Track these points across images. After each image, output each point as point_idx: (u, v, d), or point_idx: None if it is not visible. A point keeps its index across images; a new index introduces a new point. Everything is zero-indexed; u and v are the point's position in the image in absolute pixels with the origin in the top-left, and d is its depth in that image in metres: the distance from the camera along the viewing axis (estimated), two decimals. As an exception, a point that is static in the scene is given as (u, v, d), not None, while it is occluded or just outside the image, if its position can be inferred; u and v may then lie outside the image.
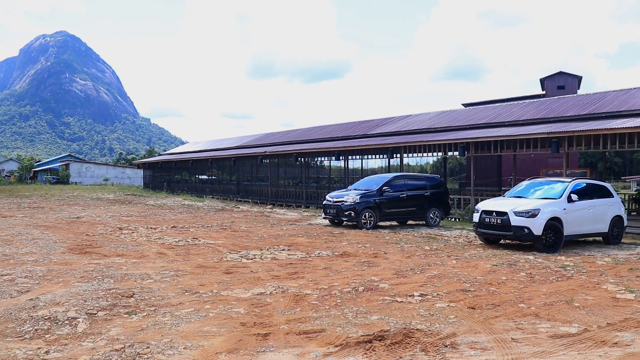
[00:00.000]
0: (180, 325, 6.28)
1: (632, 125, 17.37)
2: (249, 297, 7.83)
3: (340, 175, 35.93)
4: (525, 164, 33.39)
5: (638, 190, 31.04)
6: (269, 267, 10.44)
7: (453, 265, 10.94)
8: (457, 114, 30.50)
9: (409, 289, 8.45)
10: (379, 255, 12.09)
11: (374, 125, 34.38)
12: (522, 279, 9.53)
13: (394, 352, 5.52)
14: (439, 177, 21.72)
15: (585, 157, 62.92)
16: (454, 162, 44.94)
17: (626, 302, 7.87)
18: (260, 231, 17.00)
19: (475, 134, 22.73)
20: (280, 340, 5.81)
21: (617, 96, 23.46)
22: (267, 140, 42.66)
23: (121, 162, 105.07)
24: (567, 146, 19.23)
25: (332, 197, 19.27)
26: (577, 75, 43.96)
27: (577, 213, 13.79)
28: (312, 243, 14.19)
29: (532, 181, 15.60)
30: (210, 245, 13.56)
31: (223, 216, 23.00)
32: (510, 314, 7.05)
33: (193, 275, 9.41)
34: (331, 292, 8.19)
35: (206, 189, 43.40)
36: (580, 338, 6.06)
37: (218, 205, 30.59)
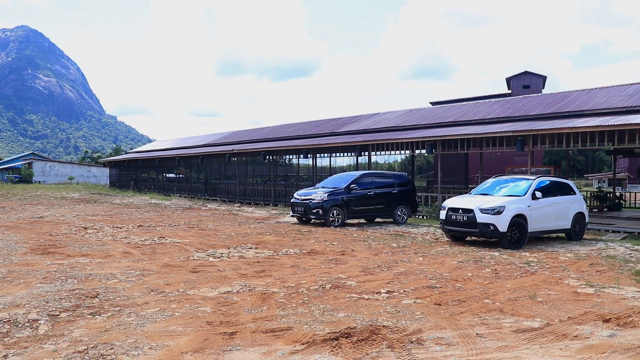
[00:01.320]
0: (145, 325, 6.20)
1: (593, 124, 17.75)
2: (216, 295, 7.77)
3: (308, 173, 35.98)
4: (491, 162, 33.90)
5: (599, 188, 31.73)
6: (236, 265, 10.38)
7: (420, 262, 11.03)
8: (424, 112, 30.77)
9: (375, 286, 8.49)
10: (347, 253, 12.13)
11: (342, 123, 34.46)
12: (488, 275, 9.66)
13: (360, 349, 5.53)
14: (407, 175, 21.87)
15: (550, 155, 64.13)
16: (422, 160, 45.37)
17: (586, 296, 8.05)
18: (227, 229, 16.89)
19: (443, 132, 22.96)
20: (246, 339, 5.78)
21: (580, 96, 23.95)
22: (235, 138, 42.42)
23: (87, 160, 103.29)
24: (531, 144, 19.56)
25: (300, 195, 19.26)
26: (542, 75, 44.83)
27: (541, 210, 14.03)
28: (280, 241, 14.16)
29: (498, 179, 15.82)
30: (177, 244, 13.42)
31: (190, 215, 22.80)
32: (476, 310, 7.14)
33: (159, 275, 9.30)
34: (298, 290, 8.18)
35: (174, 188, 42.97)
36: (542, 332, 6.17)
37: (185, 204, 30.32)
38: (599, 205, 26.04)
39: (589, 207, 22.70)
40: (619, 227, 18.11)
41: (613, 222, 19.84)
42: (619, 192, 32.12)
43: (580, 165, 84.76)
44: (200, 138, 50.36)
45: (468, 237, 14.74)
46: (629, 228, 17.87)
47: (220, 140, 43.73)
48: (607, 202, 26.56)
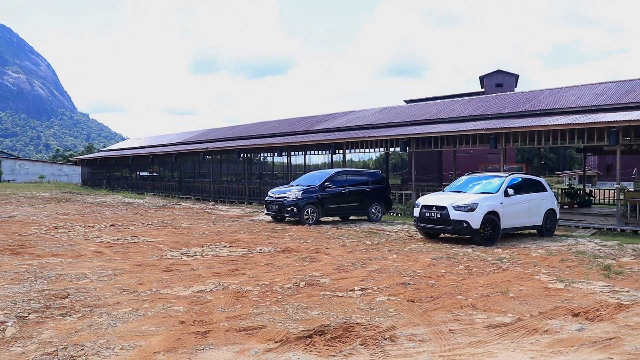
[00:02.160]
0: (117, 326, 6.12)
1: (563, 122, 18.01)
2: (189, 294, 7.71)
3: (283, 171, 35.90)
4: (465, 160, 34.19)
5: (570, 185, 32.25)
6: (210, 264, 10.32)
7: (394, 259, 11.09)
8: (399, 110, 30.91)
9: (349, 284, 8.50)
10: (321, 251, 12.13)
11: (316, 121, 34.45)
12: (461, 272, 9.74)
13: (334, 346, 5.54)
14: (381, 173, 21.97)
15: (523, 152, 64.98)
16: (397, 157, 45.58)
17: (557, 291, 8.17)
18: (201, 228, 16.78)
19: (417, 130, 23.09)
20: (220, 338, 5.74)
21: (551, 94, 24.29)
22: (210, 136, 42.15)
23: (58, 158, 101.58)
24: (504, 142, 19.77)
25: (275, 193, 19.21)
26: (515, 73, 45.35)
27: (513, 207, 14.20)
28: (254, 239, 14.11)
29: (471, 176, 15.97)
30: (150, 243, 13.29)
31: (164, 213, 22.59)
32: (449, 306, 7.20)
33: (132, 274, 9.20)
34: (272, 288, 8.16)
35: (147, 186, 42.53)
36: (514, 327, 6.24)
37: (159, 203, 30.05)
38: (570, 201, 26.44)
39: (560, 203, 23.02)
40: (589, 224, 18.41)
41: (583, 218, 20.16)
42: (589, 189, 32.64)
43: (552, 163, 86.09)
44: (175, 136, 49.93)
45: (442, 234, 14.85)
46: (598, 224, 18.18)
47: (195, 139, 43.40)
48: (578, 198, 26.98)
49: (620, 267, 10.32)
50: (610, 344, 5.66)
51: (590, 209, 25.33)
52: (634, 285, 8.73)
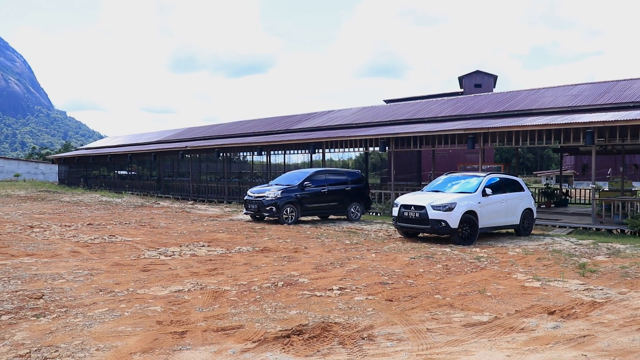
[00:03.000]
0: (93, 326, 6.05)
1: (541, 122, 18.21)
2: (167, 294, 7.65)
3: (263, 171, 35.78)
4: (444, 159, 34.39)
5: (547, 185, 32.62)
6: (188, 263, 10.25)
7: (372, 258, 11.11)
8: (378, 110, 31.00)
9: (328, 283, 8.50)
10: (300, 250, 12.11)
11: (296, 120, 34.42)
12: (439, 271, 9.79)
13: (312, 346, 5.53)
14: (360, 172, 21.99)
15: (501, 152, 65.55)
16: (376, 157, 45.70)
17: (533, 289, 8.26)
18: (180, 227, 16.66)
19: (396, 129, 23.17)
20: (197, 338, 5.70)
21: (528, 95, 24.54)
22: (189, 135, 41.90)
23: (34, 157, 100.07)
24: (482, 142, 19.93)
25: (254, 193, 19.15)
26: (493, 74, 45.70)
27: (491, 206, 14.32)
28: (233, 239, 14.04)
29: (449, 176, 16.06)
30: (127, 242, 13.16)
31: (142, 212, 22.39)
32: (427, 305, 7.23)
33: (108, 274, 9.10)
34: (250, 287, 8.13)
35: (125, 185, 42.13)
36: (491, 326, 6.29)
37: (137, 202, 29.78)
38: (547, 201, 26.73)
39: (537, 203, 23.26)
40: (565, 223, 18.63)
41: (560, 217, 20.39)
42: (566, 189, 33.05)
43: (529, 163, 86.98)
44: (153, 135, 49.55)
45: (420, 234, 14.92)
46: (574, 223, 18.41)
47: (174, 137, 43.12)
48: (554, 198, 27.30)
49: (595, 265, 10.46)
50: (584, 341, 5.73)
51: (566, 209, 25.65)
52: (608, 283, 8.86)
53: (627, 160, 34.45)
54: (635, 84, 21.61)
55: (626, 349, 5.50)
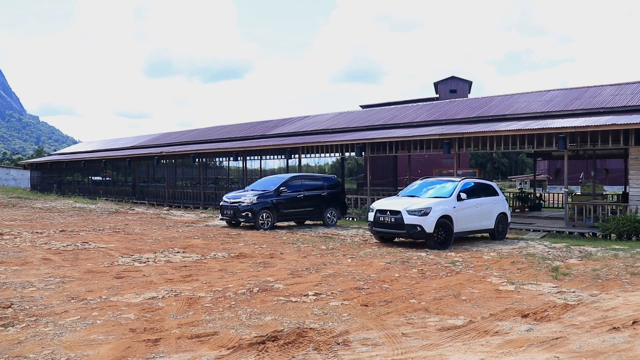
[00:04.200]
0: (63, 335, 5.93)
1: (515, 128, 18.44)
2: (140, 302, 7.55)
3: (239, 176, 35.64)
4: (420, 164, 34.63)
5: (521, 189, 33.00)
6: (163, 270, 10.13)
7: (348, 263, 11.11)
8: (354, 115, 31.10)
9: (303, 289, 8.48)
10: (275, 256, 12.07)
11: (272, 125, 34.39)
12: (414, 276, 9.83)
13: (287, 352, 5.50)
14: (336, 178, 22.02)
15: (477, 157, 66.19)
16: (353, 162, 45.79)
17: (507, 293, 8.33)
18: (155, 234, 16.49)
19: (372, 135, 23.27)
20: (171, 345, 5.64)
21: (503, 101, 24.84)
22: (165, 140, 41.59)
23: (5, 162, 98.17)
24: (457, 147, 20.11)
25: (229, 198, 19.05)
26: (468, 80, 46.21)
27: (466, 211, 14.42)
28: (208, 245, 13.94)
29: (425, 181, 16.15)
30: (101, 249, 12.97)
31: (117, 219, 22.13)
32: (402, 310, 7.24)
33: (81, 281, 8.95)
34: (225, 294, 8.06)
35: (100, 191, 41.63)
36: (465, 329, 6.32)
37: (112, 208, 29.42)
38: (521, 205, 27.06)
39: (511, 207, 23.54)
40: (539, 227, 18.86)
41: (533, 221, 20.65)
42: (539, 193, 33.52)
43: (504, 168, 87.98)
44: (128, 140, 49.07)
45: (396, 239, 14.96)
46: (547, 227, 18.65)
47: (149, 142, 42.75)
48: (528, 202, 27.65)
49: (568, 268, 10.59)
50: (557, 343, 5.79)
51: (540, 212, 26.00)
52: (580, 285, 8.98)
53: (598, 164, 35.03)
54: (604, 90, 22.01)
55: (597, 350, 5.58)
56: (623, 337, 6.04)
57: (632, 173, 16.50)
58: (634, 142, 16.34)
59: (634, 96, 20.14)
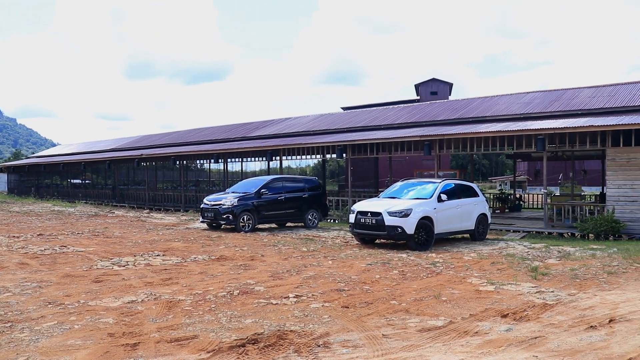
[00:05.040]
0: (40, 341, 5.84)
1: (495, 129, 18.58)
2: (119, 305, 7.47)
3: (220, 178, 35.51)
4: (401, 166, 34.72)
5: (501, 190, 33.27)
6: (142, 273, 10.04)
7: (329, 265, 11.10)
8: (335, 117, 31.14)
9: (284, 291, 8.45)
10: (256, 258, 12.02)
11: (253, 127, 34.31)
12: (395, 277, 9.85)
13: (267, 354, 5.48)
14: (317, 179, 22.02)
15: (457, 159, 66.58)
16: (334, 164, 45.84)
17: (487, 293, 8.38)
18: (135, 237, 16.34)
19: (353, 136, 23.31)
20: (150, 349, 5.58)
21: (483, 102, 25.02)
22: (145, 142, 41.28)
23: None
24: (438, 149, 20.21)
25: (210, 201, 18.96)
26: (449, 82, 46.51)
27: (446, 212, 14.49)
28: (189, 247, 13.85)
29: (405, 182, 16.21)
30: (79, 253, 12.82)
31: (96, 222, 21.90)
32: (382, 311, 7.25)
33: (58, 286, 8.83)
34: (205, 297, 8.01)
35: (79, 194, 41.19)
36: (445, 330, 6.35)
37: (91, 211, 29.11)
38: (501, 206, 27.27)
39: (491, 208, 23.71)
40: (519, 227, 19.02)
41: (513, 222, 20.82)
42: (519, 194, 33.81)
43: (485, 169, 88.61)
44: (108, 142, 48.64)
45: (377, 240, 14.99)
46: (527, 227, 18.82)
47: (129, 145, 42.41)
48: (509, 203, 27.87)
49: (547, 268, 10.69)
50: (536, 342, 5.84)
51: (520, 213, 26.23)
52: (559, 285, 9.07)
53: (576, 165, 35.44)
54: (582, 92, 22.27)
55: (574, 348, 5.63)
56: (600, 335, 6.11)
57: (609, 174, 16.71)
58: (611, 143, 16.55)
59: (610, 98, 20.41)
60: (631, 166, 16.23)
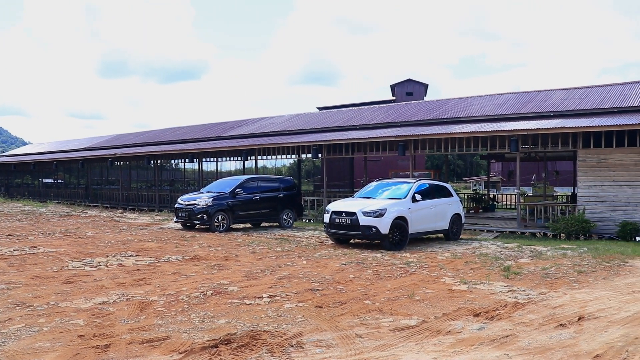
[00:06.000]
0: (6, 344, 5.72)
1: (469, 130, 18.75)
2: (90, 307, 7.36)
3: (195, 178, 35.27)
4: (377, 166, 34.85)
5: (475, 190, 33.59)
6: (114, 274, 9.92)
7: (303, 265, 11.09)
8: (311, 117, 31.15)
9: (258, 291, 8.42)
10: (230, 258, 11.96)
11: (229, 127, 34.16)
12: (369, 277, 9.87)
13: (240, 355, 5.45)
14: (292, 179, 22.00)
15: (433, 159, 67.01)
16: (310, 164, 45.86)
17: (460, 292, 8.45)
18: (107, 237, 16.14)
19: (328, 136, 23.33)
20: (121, 351, 5.51)
21: (458, 103, 25.24)
22: (119, 141, 40.83)
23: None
24: (412, 149, 20.33)
25: (184, 201, 18.82)
26: (424, 83, 46.82)
27: (420, 212, 14.57)
28: (162, 248, 13.72)
29: (380, 182, 16.27)
30: (50, 253, 12.61)
31: (68, 222, 21.58)
32: (356, 311, 7.26)
33: (28, 287, 8.67)
34: (178, 297, 7.94)
35: (51, 194, 40.58)
36: (418, 329, 6.38)
37: (63, 211, 28.67)
38: (475, 206, 27.53)
39: (465, 208, 23.92)
40: (492, 227, 19.23)
41: (487, 222, 21.04)
42: (493, 194, 34.18)
43: (460, 169, 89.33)
44: (81, 141, 47.99)
45: (352, 240, 15.00)
46: (500, 227, 19.03)
47: (103, 144, 41.92)
48: (483, 203, 28.15)
49: (519, 267, 10.82)
50: (507, 341, 5.90)
51: (494, 213, 26.52)
52: (530, 284, 9.19)
53: (549, 166, 35.93)
54: (554, 94, 22.61)
55: (544, 346, 5.71)
56: (569, 333, 6.21)
57: (580, 175, 16.99)
58: (582, 144, 16.82)
59: (581, 100, 20.75)
60: (601, 167, 16.52)
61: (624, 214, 16.19)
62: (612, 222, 16.32)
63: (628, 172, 16.15)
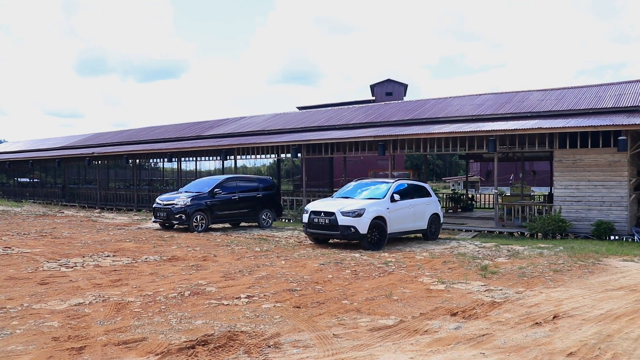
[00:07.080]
0: (-23, 348, 5.63)
1: (447, 130, 18.88)
2: (65, 308, 7.27)
3: (174, 178, 35.06)
4: (356, 166, 34.94)
5: (454, 190, 33.84)
6: (91, 275, 9.81)
7: (282, 265, 11.07)
8: (290, 116, 31.11)
9: (236, 292, 8.39)
10: (209, 258, 11.90)
11: (208, 126, 33.99)
12: (347, 277, 9.89)
13: (217, 356, 5.42)
14: (271, 179, 21.96)
15: (412, 159, 67.38)
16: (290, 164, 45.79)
17: (438, 292, 8.50)
18: (84, 237, 15.96)
19: (308, 136, 23.32)
20: (96, 353, 5.45)
21: (436, 104, 25.39)
22: (97, 140, 40.39)
23: None
24: (392, 149, 20.41)
25: (162, 200, 18.68)
26: (404, 83, 46.94)
27: (399, 212, 14.63)
28: (140, 248, 13.60)
29: (359, 182, 16.30)
30: (25, 254, 12.43)
31: (44, 222, 21.30)
32: (334, 311, 7.27)
33: (1, 289, 8.53)
34: (156, 298, 7.88)
35: (26, 193, 40.02)
36: (396, 329, 6.41)
37: (39, 211, 28.29)
38: (454, 206, 27.73)
39: (444, 208, 24.10)
40: (470, 227, 19.38)
41: (465, 221, 21.21)
42: (472, 194, 34.44)
43: (439, 169, 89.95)
44: (58, 140, 47.39)
45: (331, 240, 15.02)
46: (478, 227, 19.19)
47: (80, 143, 41.43)
48: (461, 203, 28.37)
49: (496, 267, 10.92)
50: (483, 339, 5.95)
51: (472, 213, 26.73)
52: (507, 283, 9.27)
53: (526, 166, 36.34)
54: (532, 95, 22.85)
55: (520, 345, 5.77)
56: (544, 331, 6.28)
57: (557, 175, 17.19)
58: (558, 145, 17.03)
59: (558, 101, 20.99)
60: (577, 167, 16.74)
61: (598, 213, 16.43)
62: (587, 221, 16.56)
63: (603, 172, 16.39)
